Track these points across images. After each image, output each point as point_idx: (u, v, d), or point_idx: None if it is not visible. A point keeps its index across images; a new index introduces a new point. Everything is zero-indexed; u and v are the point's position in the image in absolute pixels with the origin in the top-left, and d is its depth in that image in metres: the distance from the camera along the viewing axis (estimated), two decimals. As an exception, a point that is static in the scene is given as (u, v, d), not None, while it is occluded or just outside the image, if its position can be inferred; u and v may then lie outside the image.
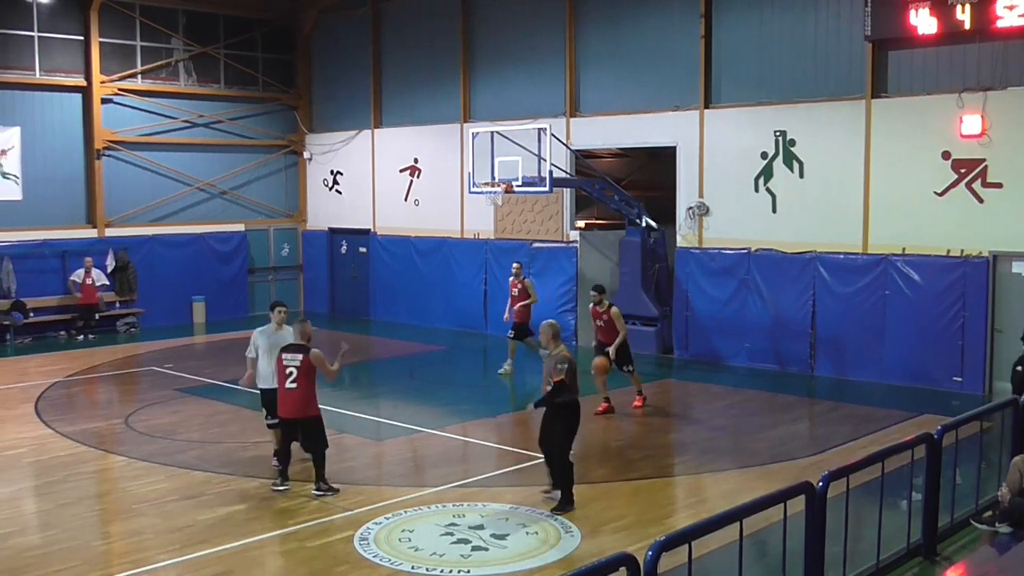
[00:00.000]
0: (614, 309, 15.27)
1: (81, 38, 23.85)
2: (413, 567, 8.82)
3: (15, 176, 22.98)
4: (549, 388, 10.28)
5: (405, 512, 10.28)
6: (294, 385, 10.77)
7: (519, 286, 18.26)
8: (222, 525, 10.05)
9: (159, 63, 25.20)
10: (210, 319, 25.11)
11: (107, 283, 23.24)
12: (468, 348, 21.79)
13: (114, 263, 23.93)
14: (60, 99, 23.73)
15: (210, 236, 25.74)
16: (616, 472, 12.12)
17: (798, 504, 7.19)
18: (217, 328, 24.14)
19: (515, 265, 18.81)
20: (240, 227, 26.55)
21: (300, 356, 10.81)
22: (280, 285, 27.26)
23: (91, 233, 24.10)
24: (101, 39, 24.02)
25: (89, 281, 22.75)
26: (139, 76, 24.87)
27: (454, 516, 10.16)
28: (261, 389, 11.84)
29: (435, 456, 13.08)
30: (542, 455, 10.78)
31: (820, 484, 7.36)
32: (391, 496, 10.83)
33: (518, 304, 18.14)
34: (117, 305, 24.21)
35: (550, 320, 11.01)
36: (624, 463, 12.57)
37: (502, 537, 9.50)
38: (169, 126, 25.36)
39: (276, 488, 11.05)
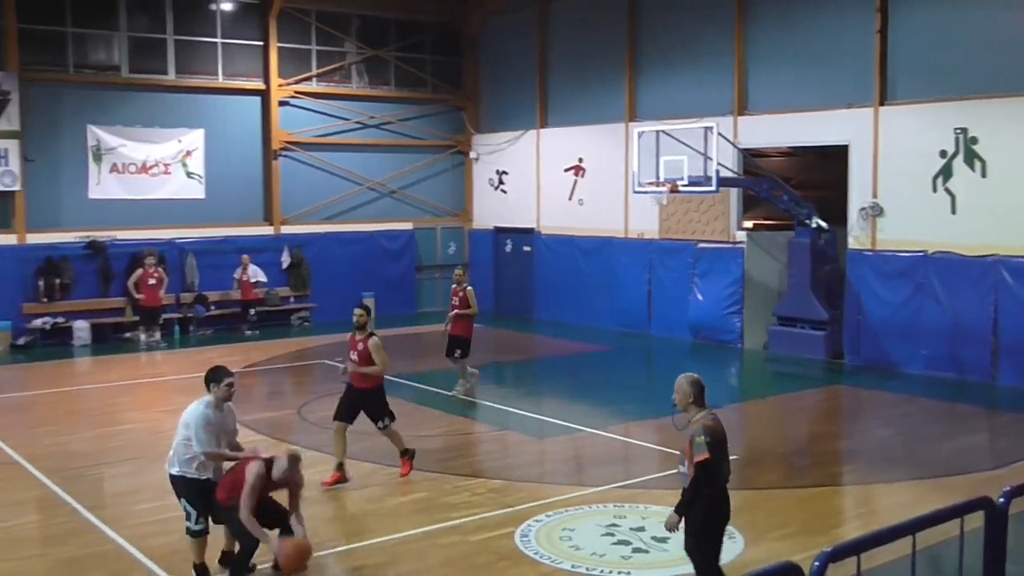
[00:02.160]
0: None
1: (261, 44, 24.86)
2: (573, 566, 8.83)
3: (199, 176, 24.15)
4: (684, 471, 7.36)
5: (566, 511, 10.30)
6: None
7: (460, 294, 16.27)
8: (387, 516, 10.29)
9: (333, 66, 26.03)
10: (379, 315, 25.73)
11: (263, 280, 23.90)
12: (631, 348, 21.68)
13: (289, 259, 24.86)
14: (241, 102, 24.81)
15: (380, 234, 26.43)
16: (782, 479, 11.85)
17: (975, 520, 6.86)
18: (385, 324, 24.69)
19: (456, 271, 17.03)
20: (408, 225, 27.16)
21: None
22: (446, 283, 27.65)
23: (268, 230, 25.10)
24: (279, 44, 24.98)
25: (246, 277, 23.44)
26: (314, 79, 25.74)
27: (615, 517, 10.12)
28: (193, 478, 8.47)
29: (597, 456, 13.07)
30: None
31: (1002, 500, 6.98)
32: (552, 494, 10.87)
33: (454, 312, 16.29)
34: (291, 300, 25.15)
35: (691, 374, 7.51)
36: (790, 470, 12.28)
37: (663, 540, 9.41)
38: (342, 127, 26.16)
39: None
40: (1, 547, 9.44)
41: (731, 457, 7.59)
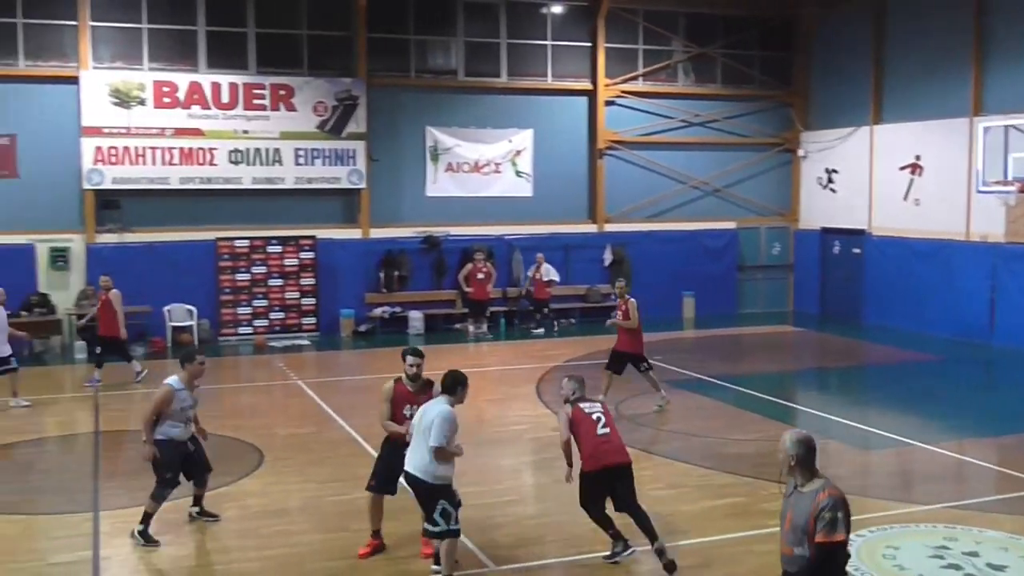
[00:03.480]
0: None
1: (588, 45, 25.32)
2: (897, 586, 8.35)
3: (527, 175, 24.98)
4: (799, 552, 6.02)
5: (890, 527, 9.75)
6: (607, 430, 9.17)
7: (623, 307, 15.31)
8: (702, 518, 10.17)
9: (659, 65, 26.07)
10: (699, 314, 25.56)
11: (556, 279, 23.95)
12: (969, 359, 20.20)
13: (611, 257, 25.17)
14: (568, 102, 25.39)
15: (701, 233, 26.19)
16: None
17: None
18: (705, 324, 24.53)
19: (619, 283, 16.14)
20: (731, 225, 26.74)
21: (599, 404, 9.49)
22: (769, 284, 27.13)
23: (591, 228, 25.55)
24: (606, 45, 25.34)
25: (539, 276, 23.49)
26: (640, 78, 25.90)
27: (945, 539, 9.46)
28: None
29: (926, 472, 12.30)
30: None
31: None
32: (876, 509, 10.33)
33: (611, 322, 15.74)
34: (612, 297, 25.40)
35: (798, 431, 6.26)
36: None
37: (1000, 568, 8.69)
38: (666, 126, 26.15)
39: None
40: (345, 518, 10.18)
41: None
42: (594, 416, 9.15)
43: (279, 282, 22.78)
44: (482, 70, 24.74)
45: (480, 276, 22.91)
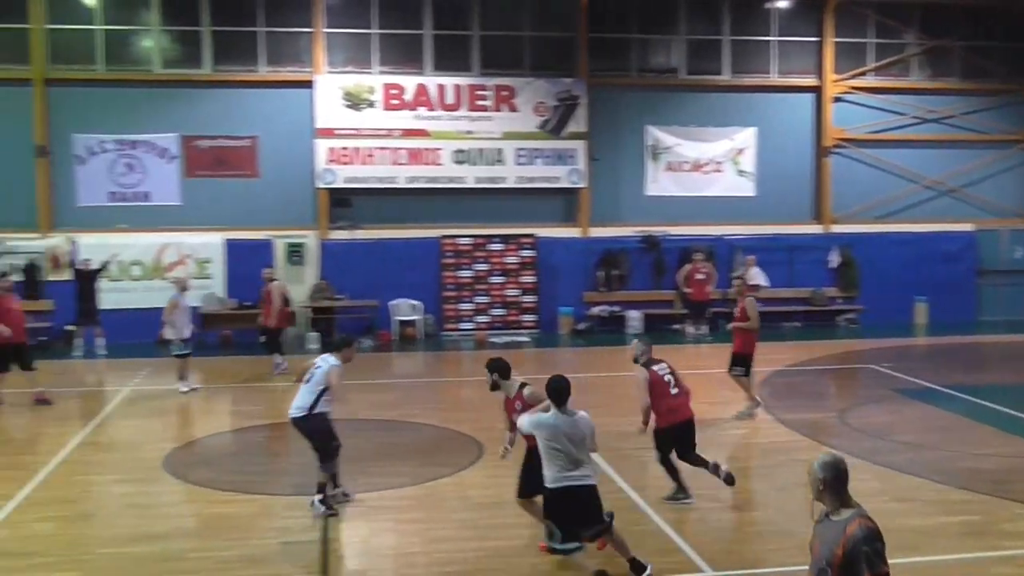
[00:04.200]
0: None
1: (815, 40, 24.54)
2: None
3: (749, 174, 24.45)
4: None
5: None
6: (677, 390, 10.43)
7: (741, 305, 14.52)
8: (934, 535, 9.64)
9: (891, 59, 24.97)
10: (932, 320, 24.31)
11: (763, 283, 23.05)
12: None
13: (838, 259, 24.31)
14: (793, 100, 24.72)
15: (936, 235, 24.89)
16: None
17: None
18: (939, 331, 23.30)
19: (735, 280, 15.88)
20: (969, 227, 25.29)
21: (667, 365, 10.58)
22: (1014, 291, 25.36)
23: (816, 229, 24.75)
24: (834, 39, 24.49)
25: (748, 279, 22.60)
26: (870, 74, 24.88)
27: None
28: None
29: None
30: None
31: None
32: None
33: (732, 325, 14.73)
34: (838, 301, 24.57)
35: (828, 455, 5.74)
36: None
37: None
38: (897, 123, 25.02)
39: None
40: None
41: None
42: (666, 378, 10.39)
43: (500, 279, 23.21)
44: (704, 68, 24.40)
45: (699, 277, 22.57)
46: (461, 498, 10.89)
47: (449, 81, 23.15)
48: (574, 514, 8.13)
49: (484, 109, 23.26)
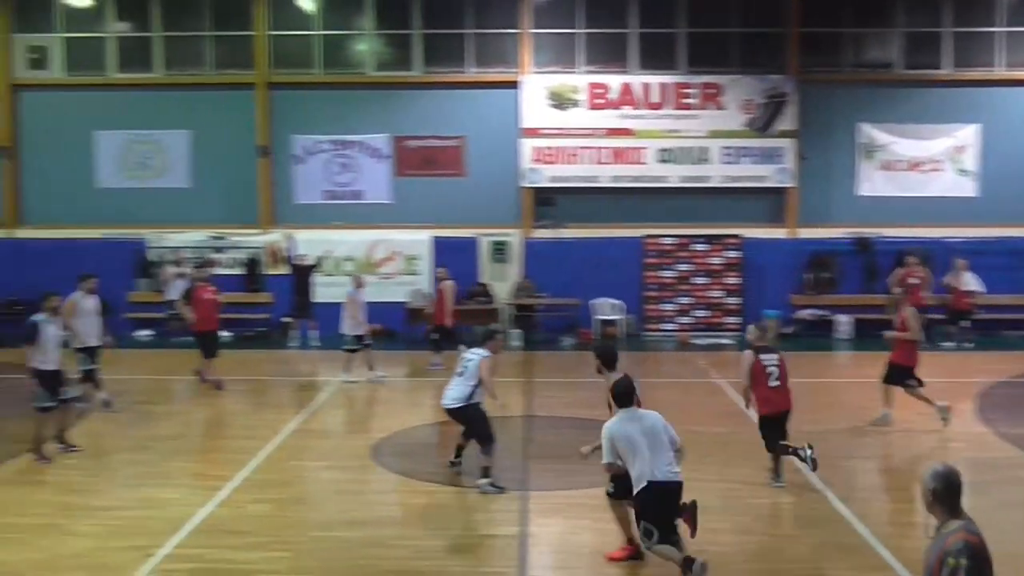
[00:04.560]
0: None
1: (1051, 28, 23.07)
2: None
3: (972, 173, 23.18)
4: None
5: None
6: (778, 383, 11.06)
7: (903, 315, 13.90)
8: None
9: None
10: None
11: (979, 289, 21.50)
12: None
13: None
14: (1021, 94, 23.25)
15: None
16: None
17: None
18: None
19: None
20: None
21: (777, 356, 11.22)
22: None
23: (1048, 232, 23.26)
24: (1071, 28, 22.96)
25: (959, 284, 21.26)
26: (1110, 65, 23.20)
27: None
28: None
29: None
30: None
31: None
32: None
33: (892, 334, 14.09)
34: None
35: (940, 466, 5.44)
36: None
37: None
38: None
39: None
40: (764, 521, 10.00)
41: None
42: (768, 369, 11.06)
43: (703, 280, 22.87)
44: (922, 62, 23.33)
45: (913, 281, 21.51)
46: (660, 500, 10.76)
47: (654, 79, 22.98)
48: (665, 511, 8.09)
49: (689, 107, 22.97)
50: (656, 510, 8.07)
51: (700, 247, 22.91)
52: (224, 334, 21.93)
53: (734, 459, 12.35)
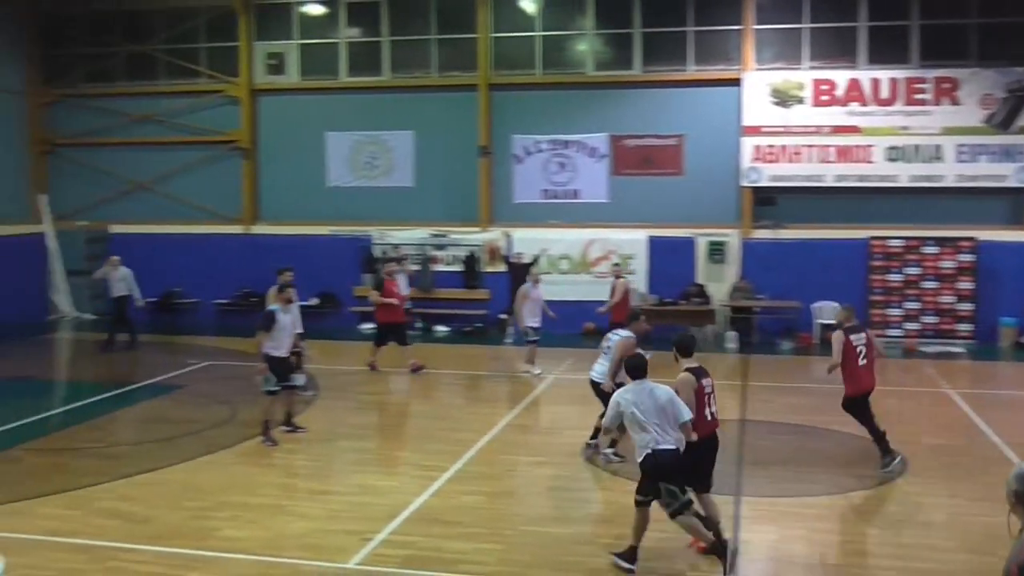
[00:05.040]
0: None
1: None
2: None
3: None
4: None
5: None
6: (865, 362, 11.68)
7: None
8: None
9: None
10: None
11: None
12: None
13: None
14: None
15: None
16: None
17: None
18: None
19: None
20: None
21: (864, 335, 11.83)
22: None
23: None
24: None
25: None
26: None
27: None
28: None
29: None
30: None
31: None
32: None
33: None
34: None
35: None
36: None
37: None
38: None
39: None
40: (994, 541, 9.39)
41: None
42: (858, 349, 11.64)
43: (933, 285, 21.72)
44: None
45: None
46: (879, 513, 10.32)
47: (884, 74, 21.98)
48: (663, 477, 8.55)
49: (922, 103, 21.84)
50: (655, 476, 8.58)
51: (930, 250, 21.75)
52: (442, 329, 22.70)
53: (959, 473, 11.68)
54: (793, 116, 22.23)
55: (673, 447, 8.57)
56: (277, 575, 8.65)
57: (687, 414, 8.63)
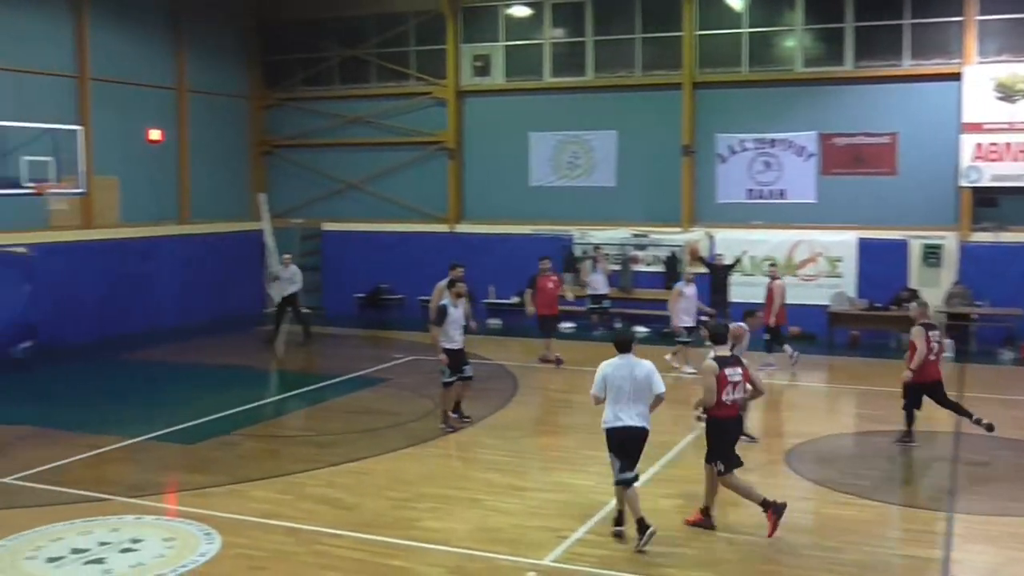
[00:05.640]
0: None
1: None
2: None
3: None
4: None
5: None
6: (934, 358, 12.67)
7: None
8: None
9: None
10: None
11: None
12: None
13: None
14: None
15: None
16: None
17: None
18: None
19: None
20: None
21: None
22: None
23: None
24: None
25: None
26: None
27: None
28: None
29: None
30: None
31: None
32: None
33: None
34: None
35: None
36: None
37: None
38: None
39: None
40: None
41: None
42: (932, 344, 12.62)
43: None
44: None
45: None
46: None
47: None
48: (624, 450, 9.37)
49: None
50: (618, 447, 9.39)
51: None
52: (642, 329, 22.55)
53: None
54: (1019, 112, 20.93)
55: (633, 424, 9.32)
56: (475, 568, 8.79)
57: (661, 387, 9.43)
